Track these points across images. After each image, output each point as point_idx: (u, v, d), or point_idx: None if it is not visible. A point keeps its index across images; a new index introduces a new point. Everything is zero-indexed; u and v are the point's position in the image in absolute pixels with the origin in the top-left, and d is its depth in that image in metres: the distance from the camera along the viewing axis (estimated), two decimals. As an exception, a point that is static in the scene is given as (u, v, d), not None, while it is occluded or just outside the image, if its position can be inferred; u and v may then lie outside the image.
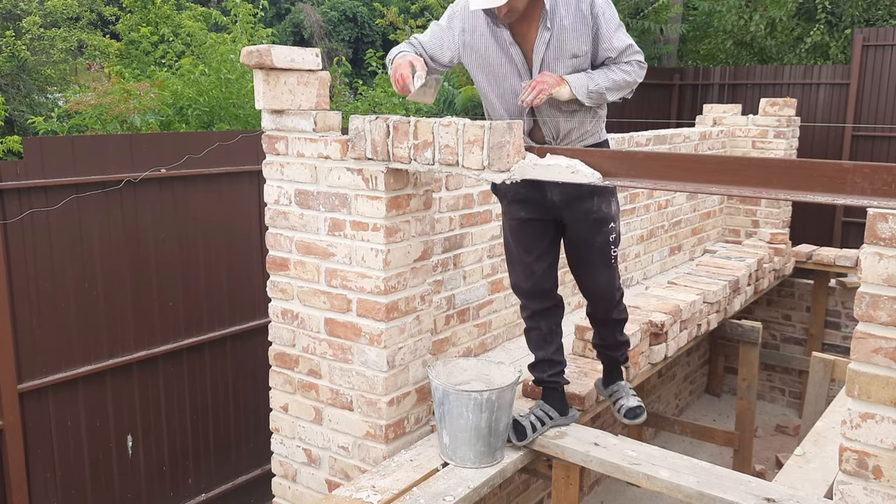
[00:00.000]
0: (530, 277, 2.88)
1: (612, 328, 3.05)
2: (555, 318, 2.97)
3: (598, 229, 2.81)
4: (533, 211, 2.82)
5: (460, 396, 2.66)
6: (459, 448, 2.71)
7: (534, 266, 2.87)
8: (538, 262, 2.87)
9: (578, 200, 2.75)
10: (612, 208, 2.81)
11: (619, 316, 3.04)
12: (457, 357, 3.39)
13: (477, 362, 3.00)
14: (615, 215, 2.85)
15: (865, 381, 1.79)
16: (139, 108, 6.83)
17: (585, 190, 2.66)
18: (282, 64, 2.83)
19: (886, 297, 1.74)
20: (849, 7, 10.26)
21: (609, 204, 2.80)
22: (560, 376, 2.98)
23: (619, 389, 3.08)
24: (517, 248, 2.90)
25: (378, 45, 19.34)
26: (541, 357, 2.97)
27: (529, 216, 2.83)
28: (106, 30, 14.10)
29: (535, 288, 2.90)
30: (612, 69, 2.61)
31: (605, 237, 2.82)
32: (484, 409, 2.66)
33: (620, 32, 2.61)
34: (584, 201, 2.76)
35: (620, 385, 3.10)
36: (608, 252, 2.85)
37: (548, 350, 2.95)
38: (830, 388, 4.16)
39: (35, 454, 3.66)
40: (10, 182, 3.43)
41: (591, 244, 2.84)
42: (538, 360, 2.98)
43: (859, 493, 1.84)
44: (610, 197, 2.81)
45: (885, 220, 1.72)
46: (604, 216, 2.79)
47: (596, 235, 2.82)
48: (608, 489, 4.99)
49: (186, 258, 4.16)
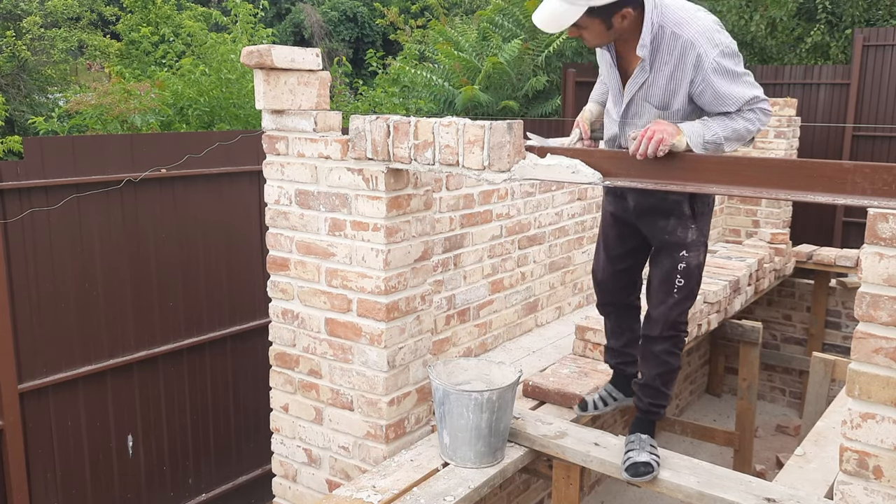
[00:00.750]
0: (603, 272, 2.87)
1: (652, 367, 2.70)
2: (620, 319, 2.92)
3: (669, 253, 2.58)
4: (617, 208, 2.75)
5: (461, 396, 2.66)
6: (460, 448, 2.71)
7: (610, 263, 2.84)
8: (613, 263, 2.82)
9: (653, 215, 2.57)
10: (688, 235, 2.54)
11: (663, 356, 2.67)
12: (457, 357, 3.39)
13: (477, 362, 3.00)
14: (693, 245, 2.56)
15: (866, 381, 1.79)
16: (139, 108, 6.83)
17: (663, 206, 2.52)
18: (282, 64, 2.83)
19: (887, 297, 1.74)
20: (849, 7, 10.25)
21: (687, 230, 2.54)
22: (628, 365, 2.97)
23: (635, 441, 2.68)
24: (602, 239, 2.87)
25: (378, 45, 19.34)
26: (610, 345, 3.01)
27: (614, 212, 2.76)
28: (106, 30, 14.11)
29: (604, 285, 2.89)
30: (733, 117, 2.33)
31: (672, 263, 2.56)
32: (484, 409, 2.65)
33: (740, 85, 2.32)
34: (659, 218, 2.56)
35: (641, 438, 2.68)
36: (672, 280, 2.57)
37: (618, 342, 2.97)
38: (831, 388, 4.16)
39: (35, 454, 3.66)
40: (11, 182, 3.43)
41: (658, 264, 2.63)
42: (608, 346, 3.03)
43: (860, 493, 1.84)
44: (690, 223, 2.54)
45: (885, 220, 1.72)
46: (677, 241, 2.55)
47: (665, 258, 2.60)
48: (608, 489, 4.99)
49: (186, 258, 4.16)
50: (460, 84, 9.45)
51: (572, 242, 4.43)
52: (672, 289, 2.59)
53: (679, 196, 2.50)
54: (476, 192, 3.61)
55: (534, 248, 4.11)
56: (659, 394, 2.71)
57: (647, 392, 2.72)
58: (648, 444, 2.65)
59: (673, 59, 2.34)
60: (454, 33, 10.50)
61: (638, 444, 2.65)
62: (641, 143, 2.18)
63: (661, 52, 2.36)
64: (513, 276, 3.98)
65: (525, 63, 9.52)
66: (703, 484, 2.53)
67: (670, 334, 2.65)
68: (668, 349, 2.67)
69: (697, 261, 2.59)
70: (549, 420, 3.00)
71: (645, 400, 2.73)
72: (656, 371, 2.69)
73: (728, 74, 2.31)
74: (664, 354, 2.67)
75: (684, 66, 2.33)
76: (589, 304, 4.68)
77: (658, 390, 2.70)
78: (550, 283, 4.30)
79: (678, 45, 2.33)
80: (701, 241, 2.58)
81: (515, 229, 3.93)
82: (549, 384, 3.30)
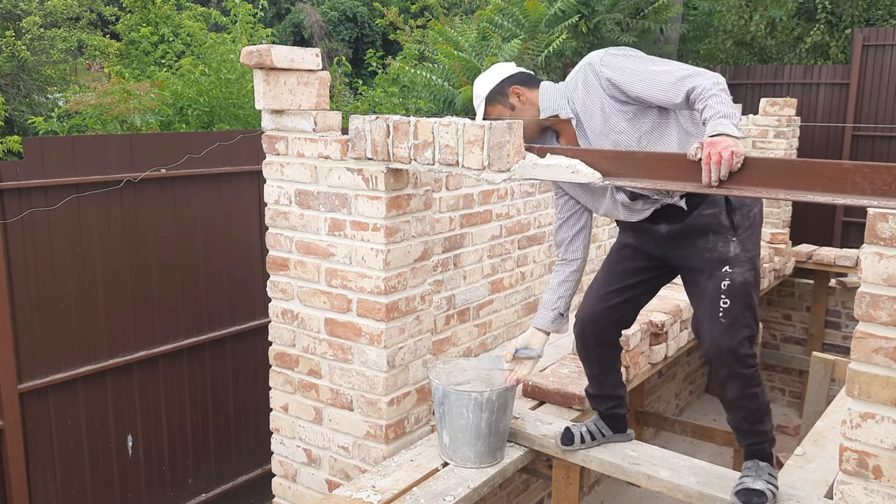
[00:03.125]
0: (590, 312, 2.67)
1: (735, 412, 2.48)
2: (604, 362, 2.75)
3: (711, 272, 2.39)
4: (640, 240, 2.59)
5: (461, 396, 2.66)
6: (459, 448, 2.71)
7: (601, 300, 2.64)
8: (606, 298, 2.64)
9: (691, 236, 2.44)
10: (729, 249, 2.37)
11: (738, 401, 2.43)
12: (457, 357, 3.39)
13: (477, 362, 3.00)
14: (736, 260, 2.37)
15: (866, 381, 1.79)
16: (139, 108, 6.83)
17: (699, 223, 2.40)
18: (282, 64, 2.83)
19: (886, 296, 1.74)
20: (849, 7, 10.26)
21: (728, 244, 2.37)
22: (619, 407, 2.80)
23: (752, 468, 2.46)
24: (602, 272, 2.70)
25: (378, 45, 19.34)
26: (594, 392, 2.83)
27: (635, 244, 2.62)
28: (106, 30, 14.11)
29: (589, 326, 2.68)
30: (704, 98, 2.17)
31: (715, 283, 2.37)
32: (484, 409, 2.66)
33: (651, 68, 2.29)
34: (698, 237, 2.42)
35: (759, 465, 2.46)
36: (716, 303, 2.36)
37: (602, 388, 2.79)
38: (830, 388, 4.16)
39: (35, 454, 3.66)
40: (10, 182, 3.43)
41: (701, 292, 2.43)
42: (592, 394, 2.84)
43: (859, 493, 1.84)
44: (731, 236, 2.38)
45: (885, 220, 1.72)
46: (718, 256, 2.38)
47: (707, 279, 2.40)
48: (608, 489, 4.99)
49: (186, 258, 4.16)
50: (460, 84, 9.45)
51: (572, 242, 4.43)
52: (717, 313, 2.35)
53: (714, 209, 2.38)
54: (476, 192, 3.61)
55: (534, 247, 4.11)
56: (753, 433, 2.48)
57: (742, 433, 2.51)
58: (767, 472, 2.44)
59: (581, 90, 2.43)
60: (454, 33, 10.50)
61: (755, 472, 2.43)
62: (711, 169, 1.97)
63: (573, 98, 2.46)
64: (513, 276, 3.98)
65: (525, 63, 9.52)
66: (702, 484, 2.53)
67: (734, 371, 2.36)
68: (740, 392, 2.40)
69: (743, 278, 2.36)
70: (549, 420, 3.00)
71: (744, 441, 2.51)
72: (740, 415, 2.47)
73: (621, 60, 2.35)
74: (739, 400, 2.42)
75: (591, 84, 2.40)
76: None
77: (749, 431, 2.48)
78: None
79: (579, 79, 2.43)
80: (746, 258, 2.37)
81: (515, 229, 3.94)
82: (549, 384, 3.30)
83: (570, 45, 9.98)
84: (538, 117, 2.54)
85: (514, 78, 2.58)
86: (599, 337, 2.70)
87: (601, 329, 2.69)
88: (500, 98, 2.58)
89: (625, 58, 2.36)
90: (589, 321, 2.69)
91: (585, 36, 10.30)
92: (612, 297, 2.66)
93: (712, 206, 2.39)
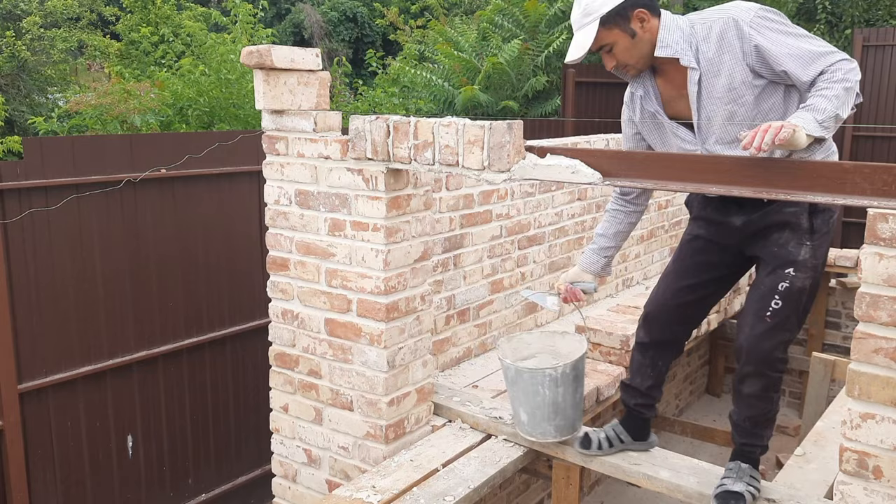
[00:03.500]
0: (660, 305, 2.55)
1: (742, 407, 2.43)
2: (658, 357, 2.64)
3: (774, 269, 2.28)
4: (712, 231, 2.47)
5: (535, 374, 2.61)
6: (539, 424, 2.69)
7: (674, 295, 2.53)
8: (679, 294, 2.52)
9: (767, 228, 2.33)
10: (800, 252, 2.26)
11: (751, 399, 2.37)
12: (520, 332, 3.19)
13: (540, 335, 2.92)
14: (802, 265, 2.26)
15: (866, 382, 1.79)
16: (139, 109, 6.83)
17: (779, 218, 2.28)
18: (282, 64, 2.83)
19: (887, 297, 1.73)
20: (849, 7, 10.26)
21: (800, 246, 2.26)
22: (648, 409, 2.70)
23: (734, 469, 2.43)
24: (673, 266, 2.56)
25: (378, 45, 19.34)
26: (633, 384, 2.70)
27: (707, 236, 2.49)
28: (106, 30, 14.11)
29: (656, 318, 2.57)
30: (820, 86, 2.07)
31: (773, 282, 2.26)
32: (559, 383, 2.61)
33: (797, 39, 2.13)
34: (774, 230, 2.32)
35: (741, 467, 2.42)
36: (767, 301, 2.26)
37: (644, 382, 2.67)
38: (830, 388, 4.16)
39: (35, 454, 3.66)
40: (10, 182, 3.43)
41: (757, 285, 2.35)
42: (629, 384, 2.72)
43: (859, 493, 1.84)
44: (806, 239, 2.26)
45: (885, 220, 1.72)
46: (786, 255, 2.26)
47: (767, 275, 2.31)
48: (608, 489, 4.99)
49: (186, 258, 4.16)
50: (460, 84, 9.45)
51: (572, 242, 4.43)
52: (765, 311, 2.25)
53: (796, 207, 2.26)
54: (476, 193, 3.61)
55: (534, 248, 4.11)
56: (751, 434, 2.44)
57: (738, 431, 2.46)
58: (748, 473, 2.39)
59: (713, 43, 2.20)
60: (454, 33, 10.51)
61: (736, 473, 2.40)
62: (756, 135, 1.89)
63: (700, 48, 2.22)
64: (513, 277, 3.98)
65: (525, 63, 9.53)
66: (703, 484, 2.53)
67: (761, 371, 2.31)
68: (758, 392, 2.34)
69: (802, 284, 2.26)
70: (548, 420, 3.00)
71: (738, 438, 2.47)
72: (745, 414, 2.41)
73: (775, 28, 2.13)
74: (753, 398, 2.36)
75: (729, 42, 2.17)
76: (589, 304, 4.68)
77: (749, 431, 2.43)
78: (550, 284, 4.30)
79: (715, 30, 2.20)
80: (812, 264, 2.28)
81: (515, 229, 3.93)
82: (549, 384, 3.29)
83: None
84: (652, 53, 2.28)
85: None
86: (664, 332, 2.60)
87: (668, 325, 2.58)
88: (620, 21, 2.24)
89: (780, 27, 2.15)
90: (656, 315, 2.59)
91: (585, 36, 10.28)
92: (684, 294, 2.53)
93: (795, 204, 2.24)
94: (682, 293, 2.53)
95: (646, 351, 2.65)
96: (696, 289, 2.53)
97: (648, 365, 2.65)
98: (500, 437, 2.94)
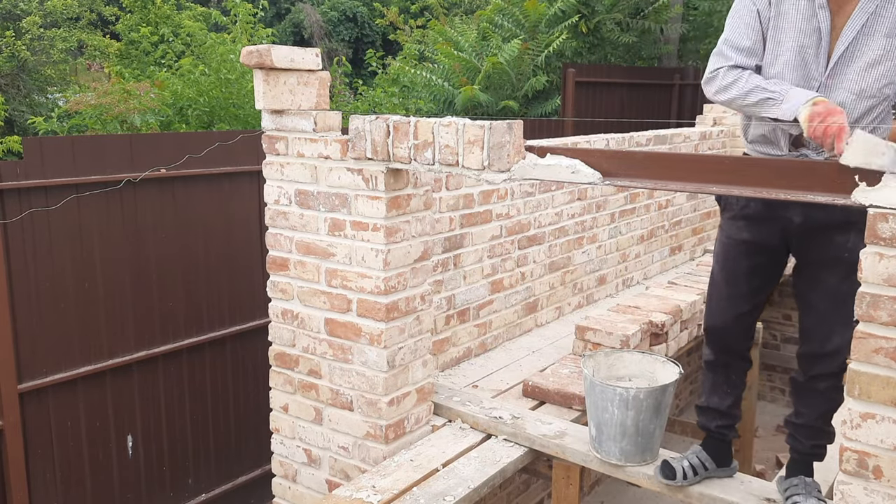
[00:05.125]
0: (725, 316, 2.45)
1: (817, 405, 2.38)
2: (733, 373, 2.54)
3: (847, 274, 2.13)
4: (761, 233, 2.35)
5: (605, 390, 2.57)
6: (605, 442, 2.64)
7: (734, 305, 2.43)
8: (740, 303, 2.42)
9: (829, 230, 2.21)
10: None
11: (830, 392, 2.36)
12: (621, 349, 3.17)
13: (643, 358, 2.84)
14: None
15: (866, 381, 1.79)
16: (139, 108, 6.83)
17: (842, 218, 2.17)
18: (282, 64, 2.83)
19: (887, 297, 1.74)
20: (849, 7, 10.25)
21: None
22: (729, 430, 2.57)
23: (799, 485, 2.37)
24: (721, 274, 2.46)
25: (378, 45, 19.35)
26: (712, 405, 2.58)
27: (753, 240, 2.37)
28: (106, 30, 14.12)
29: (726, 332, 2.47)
30: None
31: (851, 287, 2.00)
32: (630, 406, 2.53)
33: None
34: (836, 233, 2.21)
35: (806, 482, 2.38)
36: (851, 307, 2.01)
37: (723, 401, 2.55)
38: (830, 388, 4.15)
39: (35, 454, 3.66)
40: (10, 182, 3.43)
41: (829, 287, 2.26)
42: (707, 407, 2.60)
43: (859, 493, 1.84)
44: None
45: (885, 219, 1.72)
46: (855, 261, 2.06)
47: (841, 281, 2.21)
48: (608, 489, 4.99)
49: (186, 258, 4.16)
50: (460, 84, 9.45)
51: (572, 242, 4.43)
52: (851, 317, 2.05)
53: None
54: (476, 192, 3.61)
55: (534, 248, 4.11)
56: (822, 433, 2.40)
57: (808, 433, 2.40)
58: (815, 489, 2.37)
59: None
60: (454, 33, 10.50)
61: (803, 489, 2.35)
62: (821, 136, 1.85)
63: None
64: (513, 276, 3.98)
65: (525, 63, 9.53)
66: (703, 484, 2.53)
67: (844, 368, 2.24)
68: (836, 384, 2.32)
69: None
70: (549, 420, 3.00)
71: (806, 442, 2.41)
72: (821, 410, 2.38)
73: None
74: (832, 391, 2.34)
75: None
76: (589, 304, 4.68)
77: (821, 430, 2.40)
78: (550, 283, 4.30)
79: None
80: None
81: (515, 229, 3.93)
82: (549, 384, 3.30)
83: (570, 45, 9.98)
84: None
85: None
86: (730, 345, 2.51)
87: (731, 337, 2.50)
88: None
89: None
90: (716, 330, 2.51)
91: (585, 36, 10.31)
92: (740, 304, 2.44)
93: None
94: (738, 303, 2.45)
95: (716, 368, 2.56)
96: (750, 297, 2.45)
97: (723, 382, 2.55)
98: (500, 436, 2.94)
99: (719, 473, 2.56)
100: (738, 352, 2.53)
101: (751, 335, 2.53)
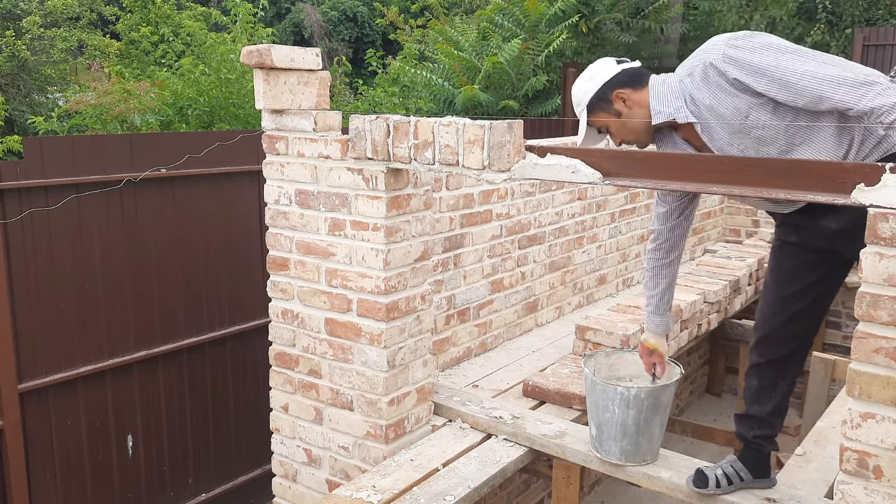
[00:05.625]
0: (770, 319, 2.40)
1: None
2: (779, 377, 2.45)
3: None
4: (808, 236, 2.32)
5: (606, 389, 2.58)
6: (605, 442, 2.64)
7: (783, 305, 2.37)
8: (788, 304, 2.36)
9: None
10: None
11: None
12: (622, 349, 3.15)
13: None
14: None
15: (866, 381, 1.79)
16: (139, 108, 6.83)
17: None
18: (282, 64, 2.83)
19: (887, 296, 1.73)
20: (849, 7, 10.26)
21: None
22: (768, 441, 2.49)
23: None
24: (772, 275, 2.42)
25: (378, 44, 19.35)
26: (752, 412, 2.49)
27: (801, 241, 2.34)
28: (106, 30, 14.12)
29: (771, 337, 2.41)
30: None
31: None
32: (631, 405, 2.54)
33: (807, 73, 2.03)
34: None
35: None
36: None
37: (764, 407, 2.46)
38: (831, 388, 4.16)
39: (35, 454, 3.66)
40: (10, 182, 3.43)
41: None
42: (749, 414, 2.50)
43: (860, 493, 1.84)
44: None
45: (885, 219, 1.72)
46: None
47: None
48: (608, 489, 4.99)
49: (186, 258, 4.16)
50: (460, 84, 9.45)
51: (572, 242, 4.43)
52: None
53: None
54: (476, 192, 3.61)
55: (534, 247, 4.11)
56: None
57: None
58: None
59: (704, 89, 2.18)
60: (454, 33, 10.51)
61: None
62: None
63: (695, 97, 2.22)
64: (513, 276, 3.98)
65: (525, 63, 9.53)
66: (703, 484, 2.52)
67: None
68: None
69: None
70: (549, 420, 3.00)
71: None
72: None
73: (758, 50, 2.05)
74: None
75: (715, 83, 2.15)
76: (589, 303, 4.68)
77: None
78: (550, 283, 4.30)
79: (697, 76, 2.20)
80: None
81: (515, 229, 3.93)
82: (550, 384, 3.30)
83: (571, 45, 9.99)
84: (650, 120, 2.30)
85: (616, 80, 2.33)
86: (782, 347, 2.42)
87: (784, 339, 2.41)
88: (602, 105, 2.36)
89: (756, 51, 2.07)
90: (769, 333, 2.42)
91: (585, 36, 10.31)
92: (793, 302, 2.37)
93: None
94: (791, 302, 2.37)
95: (763, 372, 2.46)
96: (804, 294, 2.36)
97: (769, 386, 2.46)
98: (501, 436, 2.94)
99: (757, 485, 2.48)
100: (789, 356, 2.43)
101: (808, 338, 2.44)
